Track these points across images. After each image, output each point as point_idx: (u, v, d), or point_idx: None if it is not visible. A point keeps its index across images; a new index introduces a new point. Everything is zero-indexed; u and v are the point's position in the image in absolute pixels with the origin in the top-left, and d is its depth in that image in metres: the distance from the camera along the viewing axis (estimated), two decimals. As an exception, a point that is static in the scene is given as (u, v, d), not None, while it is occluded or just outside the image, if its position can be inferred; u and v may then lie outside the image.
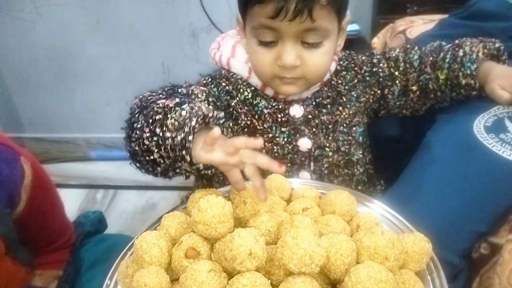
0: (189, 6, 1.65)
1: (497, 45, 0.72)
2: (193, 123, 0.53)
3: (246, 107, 0.69)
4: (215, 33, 1.65)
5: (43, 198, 0.87)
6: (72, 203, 1.65)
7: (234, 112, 0.69)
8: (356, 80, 0.73)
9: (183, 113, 0.54)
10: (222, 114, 0.61)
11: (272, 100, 0.69)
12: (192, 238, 0.51)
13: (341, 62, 0.74)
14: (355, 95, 0.72)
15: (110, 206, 1.65)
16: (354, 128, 0.74)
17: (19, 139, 2.02)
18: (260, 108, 0.68)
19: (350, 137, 0.74)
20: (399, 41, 1.21)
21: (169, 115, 0.54)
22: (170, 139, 0.54)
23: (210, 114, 0.55)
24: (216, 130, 0.49)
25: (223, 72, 0.71)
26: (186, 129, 0.53)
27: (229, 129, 0.70)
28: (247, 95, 0.68)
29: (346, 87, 0.71)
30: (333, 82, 0.71)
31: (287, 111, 0.69)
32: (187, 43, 1.76)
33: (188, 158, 0.53)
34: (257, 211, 0.56)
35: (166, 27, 1.73)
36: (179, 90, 0.67)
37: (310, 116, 0.69)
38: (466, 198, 0.63)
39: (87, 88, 1.90)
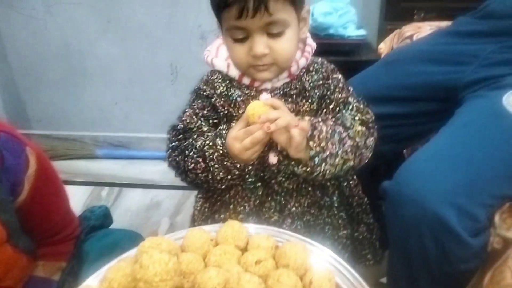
0: (199, 8, 1.68)
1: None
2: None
3: (222, 99, 0.78)
4: (223, 35, 1.67)
5: (47, 189, 0.87)
6: (77, 199, 1.67)
7: (215, 106, 0.79)
8: (321, 82, 0.80)
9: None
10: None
11: (246, 88, 0.78)
12: None
13: (315, 65, 0.82)
14: (317, 93, 0.79)
15: (114, 203, 1.67)
16: None
17: (26, 136, 2.03)
18: (234, 98, 0.78)
19: None
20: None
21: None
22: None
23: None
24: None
25: (204, 78, 0.82)
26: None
27: (213, 120, 0.80)
28: (222, 89, 0.78)
29: (311, 85, 0.79)
30: (302, 78, 0.80)
31: (257, 98, 0.78)
32: (196, 45, 1.78)
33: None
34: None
35: (176, 28, 1.76)
36: (178, 127, 0.80)
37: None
38: (493, 158, 0.68)
39: (96, 86, 1.92)
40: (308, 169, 0.71)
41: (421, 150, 0.75)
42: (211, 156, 0.72)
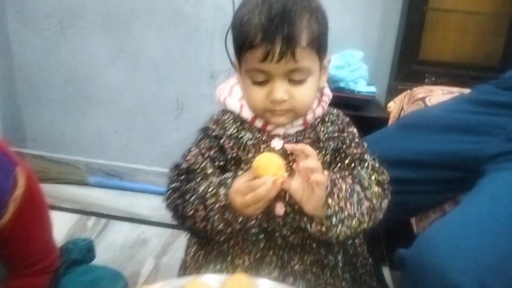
0: (212, 47, 1.69)
1: None
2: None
3: (232, 141, 0.75)
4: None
5: (31, 214, 0.83)
6: (61, 227, 1.59)
7: (223, 147, 0.76)
8: (336, 134, 0.78)
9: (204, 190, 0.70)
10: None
11: (257, 132, 0.75)
12: None
13: (330, 116, 0.80)
14: (332, 145, 0.77)
15: (99, 235, 1.58)
16: None
17: (19, 155, 1.99)
18: (244, 141, 0.75)
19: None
20: (417, 107, 1.21)
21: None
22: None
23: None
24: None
25: (214, 117, 0.79)
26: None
27: (219, 163, 0.76)
28: (233, 131, 0.75)
29: (326, 136, 0.77)
30: (317, 128, 0.77)
31: (269, 143, 0.75)
32: (205, 83, 1.77)
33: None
34: None
35: (186, 64, 1.76)
36: (181, 167, 0.75)
37: (288, 152, 0.73)
38: None
39: (98, 113, 1.90)
40: (323, 228, 0.67)
41: (446, 220, 0.71)
42: (212, 206, 0.68)
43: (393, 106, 1.44)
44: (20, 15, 1.78)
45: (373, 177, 0.73)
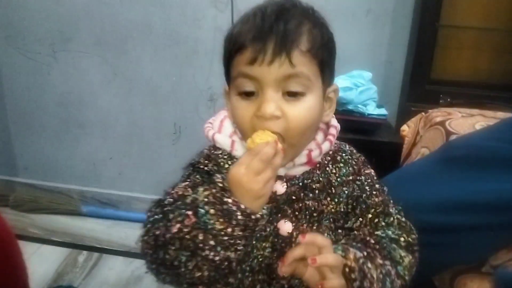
0: (211, 69, 1.60)
1: None
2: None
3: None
4: (234, 99, 1.57)
5: (1, 265, 0.73)
6: (50, 262, 1.47)
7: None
8: (351, 178, 0.66)
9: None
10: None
11: None
12: None
13: (343, 155, 0.68)
14: (346, 191, 0.65)
15: (91, 272, 1.46)
16: (339, 231, 0.65)
17: (10, 183, 1.90)
18: None
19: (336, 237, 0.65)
20: (437, 132, 1.10)
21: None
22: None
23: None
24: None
25: (205, 152, 0.68)
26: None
27: None
28: (228, 167, 0.65)
29: (339, 180, 0.65)
30: (327, 169, 0.66)
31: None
32: (204, 106, 1.68)
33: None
34: None
35: (184, 87, 1.67)
36: (166, 202, 0.61)
37: (294, 197, 0.63)
38: None
39: (92, 139, 1.80)
40: None
41: None
42: (206, 199, 0.54)
43: (407, 130, 1.33)
44: (10, 39, 1.70)
45: (401, 239, 0.62)
